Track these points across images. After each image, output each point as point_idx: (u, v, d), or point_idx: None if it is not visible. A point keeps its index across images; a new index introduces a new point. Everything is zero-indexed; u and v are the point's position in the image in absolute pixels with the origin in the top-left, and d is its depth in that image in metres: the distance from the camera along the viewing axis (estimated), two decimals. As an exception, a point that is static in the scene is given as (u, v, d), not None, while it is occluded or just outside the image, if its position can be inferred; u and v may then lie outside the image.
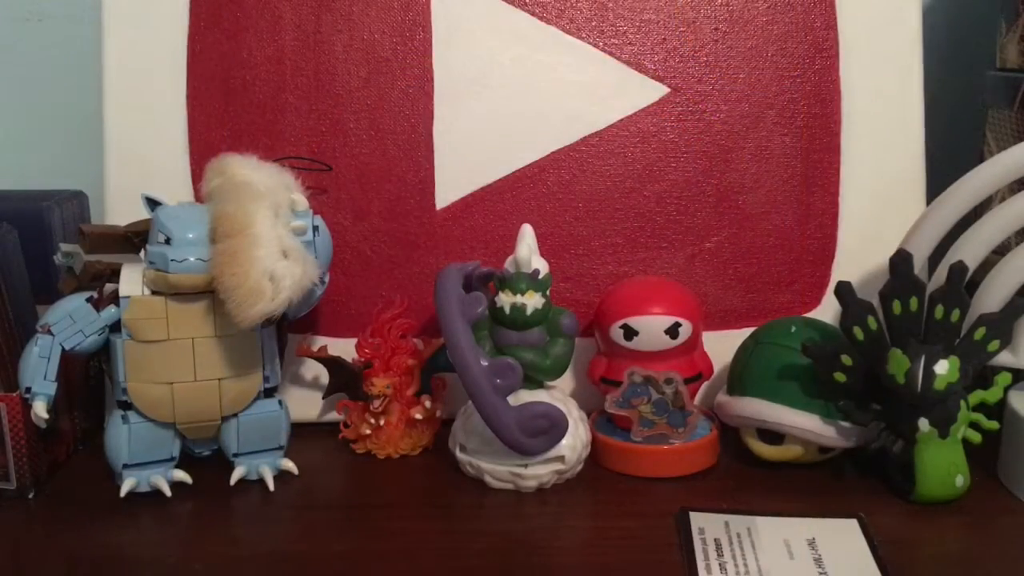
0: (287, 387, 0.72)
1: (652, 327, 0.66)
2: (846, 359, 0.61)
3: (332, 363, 0.69)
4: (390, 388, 0.68)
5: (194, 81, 0.72)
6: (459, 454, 0.65)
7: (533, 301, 0.63)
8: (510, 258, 0.64)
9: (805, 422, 0.63)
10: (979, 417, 0.62)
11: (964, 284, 0.60)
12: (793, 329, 0.65)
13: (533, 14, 0.73)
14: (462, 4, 0.73)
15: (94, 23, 0.72)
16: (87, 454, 0.69)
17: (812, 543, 0.56)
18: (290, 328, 0.69)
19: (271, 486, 0.64)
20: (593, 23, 0.73)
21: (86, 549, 0.57)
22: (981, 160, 0.70)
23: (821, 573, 0.53)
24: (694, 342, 0.68)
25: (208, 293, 0.60)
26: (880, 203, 0.74)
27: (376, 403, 0.67)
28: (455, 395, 0.68)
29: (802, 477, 0.64)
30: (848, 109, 0.74)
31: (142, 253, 0.62)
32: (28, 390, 0.60)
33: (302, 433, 0.69)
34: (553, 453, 0.62)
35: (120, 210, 0.70)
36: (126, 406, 0.62)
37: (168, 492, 0.62)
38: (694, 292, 0.71)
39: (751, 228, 0.74)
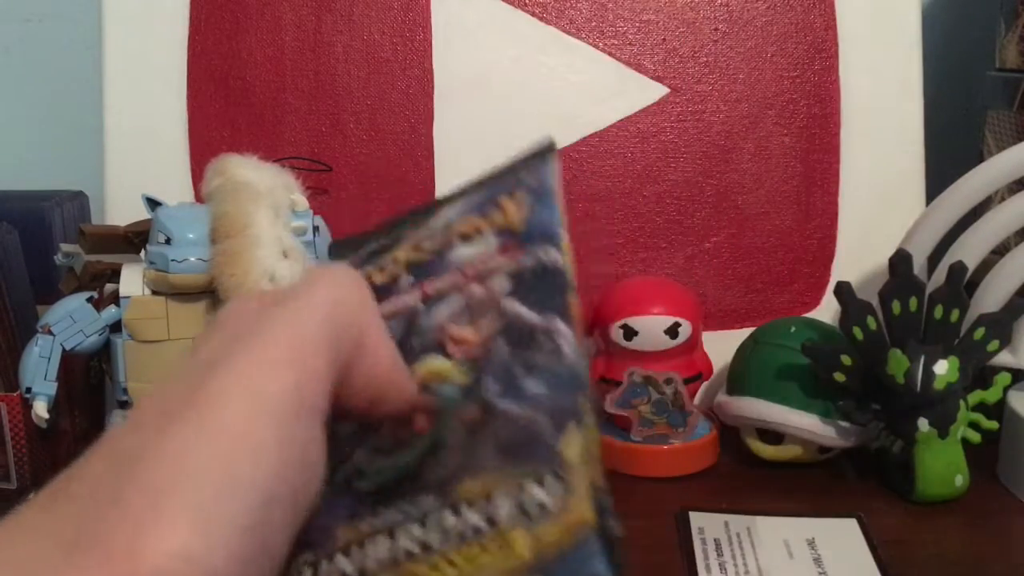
0: (287, 387, 0.72)
1: (652, 327, 0.65)
2: (846, 359, 0.61)
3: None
4: (390, 388, 0.68)
5: (194, 81, 0.72)
6: (459, 454, 0.65)
7: (533, 301, 0.63)
8: (510, 258, 0.64)
9: (805, 422, 0.63)
10: (979, 417, 0.62)
11: (964, 284, 0.60)
12: (793, 329, 0.65)
13: (533, 14, 0.73)
14: (462, 4, 0.73)
15: (94, 23, 0.72)
16: (87, 454, 0.69)
17: (812, 543, 0.56)
18: (290, 328, 0.69)
19: (271, 486, 0.64)
20: (593, 23, 0.73)
21: (86, 549, 0.56)
22: (981, 160, 0.70)
23: (821, 573, 0.53)
24: (694, 342, 0.67)
25: (208, 293, 0.60)
26: (880, 203, 0.74)
27: (376, 403, 0.67)
28: (455, 395, 0.68)
29: (802, 477, 0.64)
30: (848, 109, 0.74)
31: (142, 253, 0.62)
32: (28, 390, 0.60)
33: (302, 433, 0.69)
34: (553, 453, 0.62)
35: (120, 210, 0.70)
36: (126, 406, 0.62)
37: (168, 492, 0.62)
38: (694, 292, 0.71)
39: (751, 228, 0.74)
